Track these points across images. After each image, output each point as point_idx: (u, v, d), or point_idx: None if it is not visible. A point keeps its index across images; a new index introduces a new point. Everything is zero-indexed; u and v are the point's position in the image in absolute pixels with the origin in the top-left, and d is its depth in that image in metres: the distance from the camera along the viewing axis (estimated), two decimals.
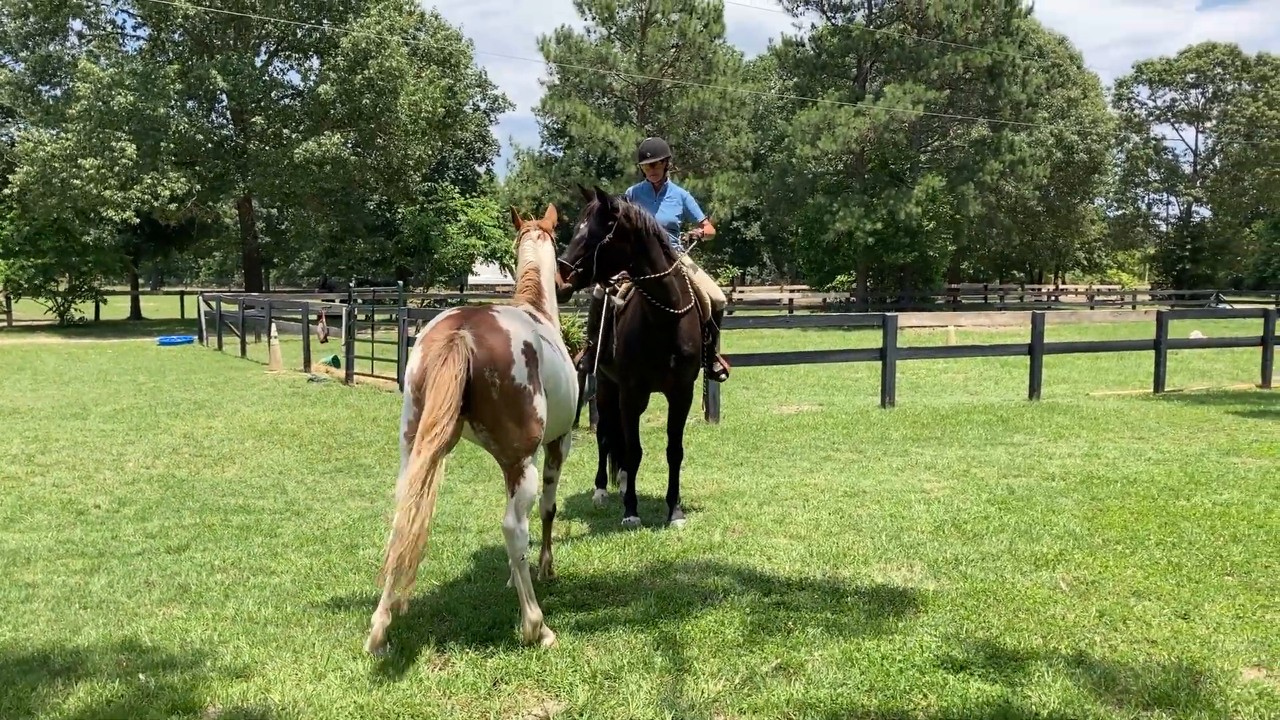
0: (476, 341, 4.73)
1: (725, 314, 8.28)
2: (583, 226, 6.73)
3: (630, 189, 8.30)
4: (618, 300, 7.53)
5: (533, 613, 4.90)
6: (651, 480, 8.98)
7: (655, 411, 12.34)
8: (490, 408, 4.78)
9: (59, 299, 38.12)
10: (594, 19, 44.66)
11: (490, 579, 6.03)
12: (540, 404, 4.92)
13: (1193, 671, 4.59)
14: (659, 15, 43.17)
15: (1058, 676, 4.50)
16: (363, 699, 4.31)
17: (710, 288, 7.74)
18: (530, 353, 4.90)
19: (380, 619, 4.77)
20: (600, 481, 8.58)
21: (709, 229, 8.21)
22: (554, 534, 6.33)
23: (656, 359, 7.26)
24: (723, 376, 8.10)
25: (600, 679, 4.51)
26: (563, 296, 6.41)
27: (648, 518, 7.56)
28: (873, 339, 18.61)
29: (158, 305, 54.47)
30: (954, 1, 41.92)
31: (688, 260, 7.63)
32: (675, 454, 7.66)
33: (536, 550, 6.17)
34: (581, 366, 7.71)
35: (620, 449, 8.09)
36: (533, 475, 4.92)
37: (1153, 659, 4.75)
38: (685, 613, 5.35)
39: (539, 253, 6.08)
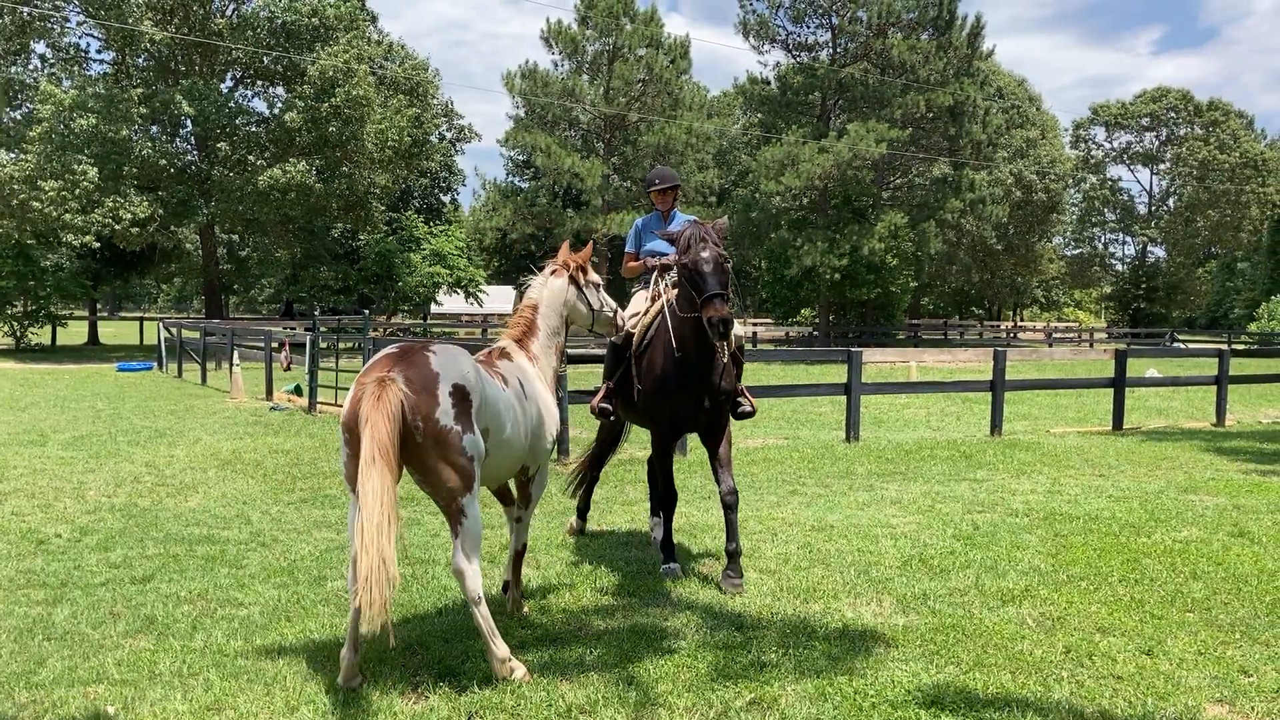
0: (406, 383, 4.71)
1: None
2: (709, 253, 6.36)
3: (640, 219, 8.09)
4: (635, 338, 7.15)
5: (499, 649, 4.88)
6: (620, 513, 8.99)
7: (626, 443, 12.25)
8: (416, 450, 4.74)
9: (15, 323, 37.54)
10: (561, 53, 44.99)
11: (461, 612, 6.00)
12: (471, 443, 4.83)
13: (1157, 707, 4.67)
14: (626, 50, 43.55)
15: (1027, 712, 4.55)
16: None
17: None
18: (460, 394, 4.83)
19: (348, 655, 4.75)
20: (580, 513, 8.36)
21: None
22: (524, 568, 6.32)
23: (693, 399, 6.81)
24: (748, 412, 7.32)
25: (575, 713, 4.51)
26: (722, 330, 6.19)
27: (626, 554, 7.56)
28: (837, 373, 18.79)
29: (116, 331, 53.84)
30: (917, 42, 42.66)
31: None
32: (733, 497, 6.85)
33: (498, 592, 6.16)
34: (603, 406, 7.40)
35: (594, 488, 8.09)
36: (474, 513, 4.86)
37: (1118, 695, 4.83)
38: (658, 647, 5.36)
39: (543, 290, 6.13)
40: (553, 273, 6.18)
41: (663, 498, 7.18)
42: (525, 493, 5.97)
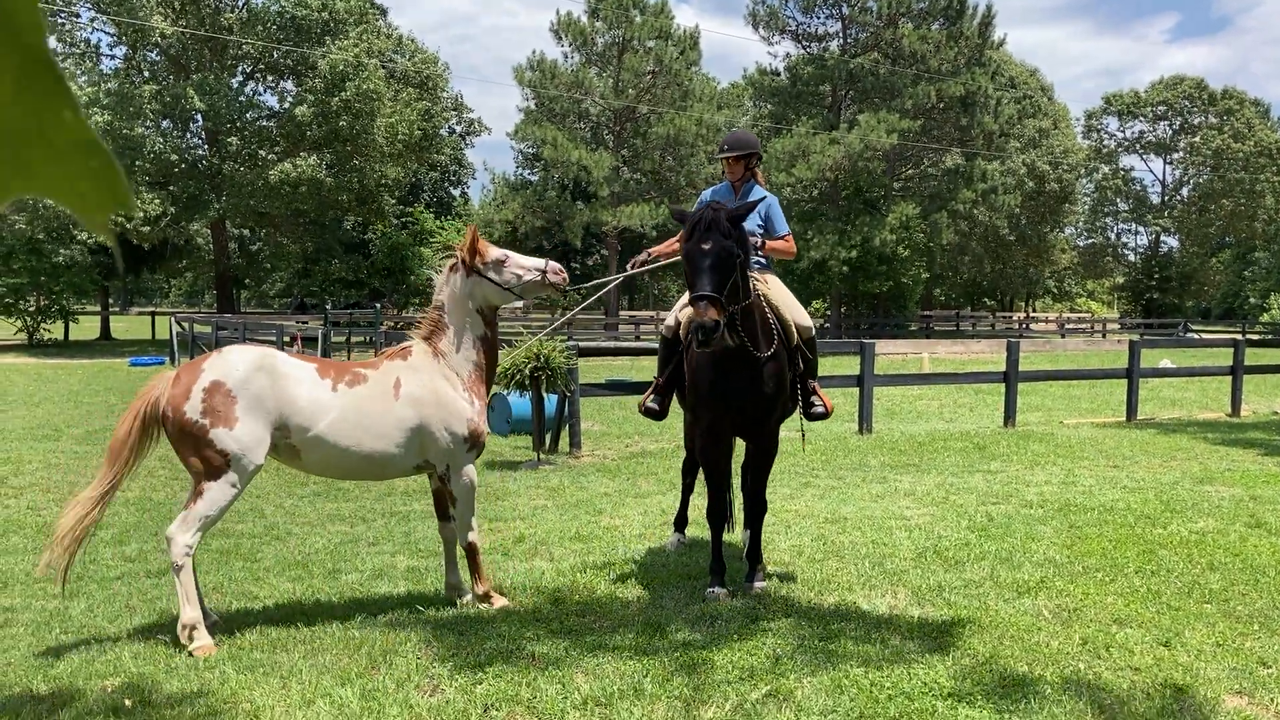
0: (173, 381, 5.41)
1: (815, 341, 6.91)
2: (709, 244, 5.62)
3: (707, 191, 7.20)
4: (684, 329, 6.42)
5: (186, 614, 5.22)
6: (633, 505, 8.98)
7: (641, 437, 12.33)
8: (170, 439, 5.40)
9: (28, 319, 37.68)
10: (570, 45, 44.95)
11: (477, 605, 6.00)
12: (224, 436, 5.23)
13: (1177, 699, 4.64)
14: (635, 42, 43.49)
15: (1045, 704, 4.53)
16: None
17: (795, 311, 6.55)
18: (216, 389, 5.28)
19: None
20: (678, 524, 7.72)
21: (789, 245, 6.85)
22: (538, 560, 6.29)
23: (731, 401, 6.12)
24: (821, 413, 6.90)
25: (591, 705, 4.50)
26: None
27: (641, 546, 7.55)
28: (849, 365, 18.73)
29: (128, 326, 54.00)
30: (927, 32, 42.53)
31: (772, 279, 6.62)
32: (757, 507, 6.60)
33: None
34: (649, 406, 6.78)
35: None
36: (212, 499, 5.26)
37: (1137, 686, 4.79)
38: (672, 640, 5.35)
39: (444, 289, 5.99)
40: (451, 269, 5.99)
41: (710, 512, 6.49)
42: (448, 491, 5.96)
